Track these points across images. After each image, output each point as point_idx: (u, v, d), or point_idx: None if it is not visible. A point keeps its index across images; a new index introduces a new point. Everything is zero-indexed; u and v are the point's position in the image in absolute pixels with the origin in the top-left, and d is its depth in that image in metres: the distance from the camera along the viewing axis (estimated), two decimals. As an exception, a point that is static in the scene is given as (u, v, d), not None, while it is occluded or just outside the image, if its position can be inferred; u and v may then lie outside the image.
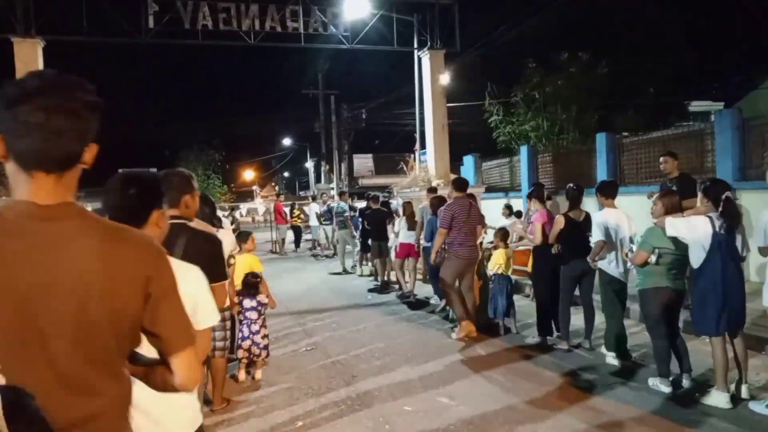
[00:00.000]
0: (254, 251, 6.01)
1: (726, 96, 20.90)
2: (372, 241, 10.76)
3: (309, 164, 46.41)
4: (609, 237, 5.49)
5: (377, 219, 10.57)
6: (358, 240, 12.05)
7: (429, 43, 12.18)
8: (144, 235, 1.47)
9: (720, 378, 4.39)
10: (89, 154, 1.31)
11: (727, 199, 4.44)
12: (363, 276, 11.75)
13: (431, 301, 8.67)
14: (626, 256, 5.38)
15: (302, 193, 46.67)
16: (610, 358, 5.52)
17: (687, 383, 4.79)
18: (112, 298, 1.28)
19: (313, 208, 16.53)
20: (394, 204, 11.91)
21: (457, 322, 6.73)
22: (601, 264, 5.60)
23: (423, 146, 14.12)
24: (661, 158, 7.12)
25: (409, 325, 7.45)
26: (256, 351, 5.31)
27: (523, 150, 13.45)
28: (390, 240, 10.09)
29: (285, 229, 16.23)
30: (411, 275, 9.54)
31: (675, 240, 4.59)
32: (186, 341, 1.42)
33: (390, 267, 10.43)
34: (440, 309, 8.06)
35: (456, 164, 15.28)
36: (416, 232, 9.17)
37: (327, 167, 39.93)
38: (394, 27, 12.10)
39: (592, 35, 15.71)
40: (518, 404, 4.57)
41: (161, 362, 1.43)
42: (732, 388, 4.47)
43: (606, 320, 5.70)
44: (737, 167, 8.46)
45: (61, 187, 1.28)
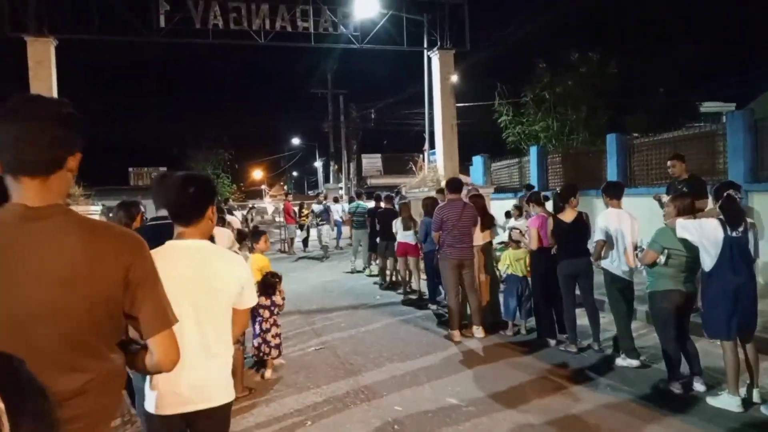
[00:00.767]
0: (267, 251, 6.05)
1: (737, 97, 20.73)
2: (380, 241, 10.81)
3: (318, 164, 46.50)
4: (610, 237, 5.52)
5: (386, 218, 10.60)
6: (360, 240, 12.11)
7: (439, 43, 12.14)
8: (124, 229, 1.61)
9: (731, 382, 4.38)
10: (73, 162, 1.49)
11: (728, 197, 4.41)
12: (372, 275, 11.78)
13: (438, 299, 8.66)
14: (636, 257, 5.39)
15: (311, 193, 46.76)
16: (620, 360, 5.50)
17: (698, 386, 4.75)
18: (94, 286, 1.43)
19: (333, 208, 16.58)
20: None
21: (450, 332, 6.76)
22: (604, 263, 5.62)
23: (432, 146, 14.09)
24: (669, 162, 7.10)
25: (418, 326, 7.45)
26: (266, 350, 5.34)
27: (533, 150, 13.40)
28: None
29: (294, 229, 16.25)
30: (414, 274, 9.62)
31: (685, 242, 4.56)
32: (162, 324, 1.55)
33: (394, 266, 10.53)
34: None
35: (465, 164, 15.26)
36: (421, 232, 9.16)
37: (336, 167, 39.99)
38: (404, 27, 12.09)
39: (603, 35, 15.62)
40: (526, 407, 4.55)
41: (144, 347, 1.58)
42: (743, 392, 4.43)
43: (615, 322, 5.69)
44: (749, 168, 8.38)
45: (47, 191, 1.45)
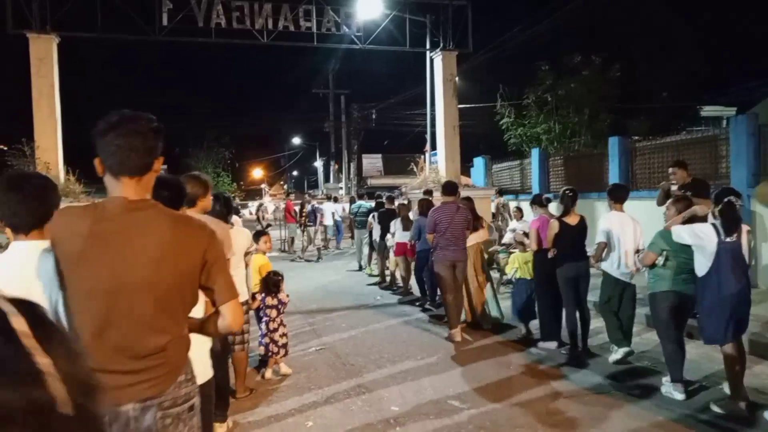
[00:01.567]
0: (268, 251, 6.06)
1: (738, 101, 20.72)
2: (379, 240, 10.88)
3: (318, 163, 46.53)
4: (611, 239, 5.54)
5: (387, 219, 10.64)
6: (361, 240, 12.19)
7: (441, 44, 12.14)
8: (200, 220, 2.04)
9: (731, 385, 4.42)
10: (158, 164, 1.88)
11: (728, 203, 4.42)
12: (373, 275, 11.79)
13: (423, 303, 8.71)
14: (636, 259, 5.45)
15: (310, 192, 46.74)
16: (613, 355, 5.60)
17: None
18: (180, 264, 1.83)
19: (328, 208, 16.55)
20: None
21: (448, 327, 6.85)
22: (604, 266, 5.66)
23: (433, 147, 14.09)
24: (670, 168, 7.02)
25: (419, 327, 7.43)
26: (275, 349, 5.36)
27: (535, 152, 13.40)
28: (388, 240, 10.22)
29: (295, 228, 16.23)
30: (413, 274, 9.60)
31: (683, 244, 4.62)
32: (231, 294, 1.95)
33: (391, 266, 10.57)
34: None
35: (466, 166, 15.26)
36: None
37: (336, 167, 39.99)
38: (407, 27, 12.08)
39: (606, 38, 15.65)
40: (528, 409, 4.54)
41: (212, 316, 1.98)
42: (726, 389, 4.52)
43: (603, 318, 5.78)
44: (752, 173, 8.38)
45: (140, 188, 1.85)
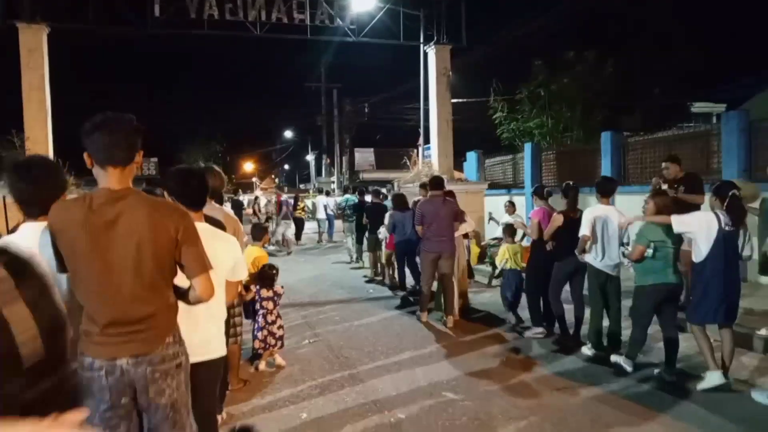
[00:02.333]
0: (264, 244, 6.06)
1: (728, 98, 20.83)
2: (369, 234, 10.97)
3: (310, 157, 46.35)
4: (594, 232, 5.62)
5: (376, 213, 10.77)
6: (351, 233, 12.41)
7: (435, 38, 12.08)
8: (173, 203, 2.49)
9: (710, 360, 4.69)
10: (138, 157, 2.21)
11: (733, 196, 4.73)
12: (364, 268, 11.83)
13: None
14: (623, 255, 5.59)
15: (302, 186, 46.60)
16: (586, 350, 5.70)
17: (667, 377, 4.92)
18: (157, 243, 2.15)
19: (321, 201, 16.52)
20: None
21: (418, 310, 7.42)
22: (588, 258, 5.76)
23: (426, 141, 14.06)
24: (663, 163, 7.08)
25: (412, 320, 7.44)
26: (272, 341, 5.35)
27: (528, 147, 13.41)
28: (381, 233, 10.30)
29: (289, 222, 16.19)
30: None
31: (669, 234, 4.86)
32: (201, 268, 2.24)
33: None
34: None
35: (458, 160, 15.24)
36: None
37: (328, 161, 39.88)
38: (401, 21, 12.01)
39: (599, 34, 15.65)
40: (522, 402, 4.56)
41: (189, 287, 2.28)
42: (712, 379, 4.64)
43: (591, 313, 5.82)
44: (743, 169, 8.44)
45: (124, 177, 2.18)
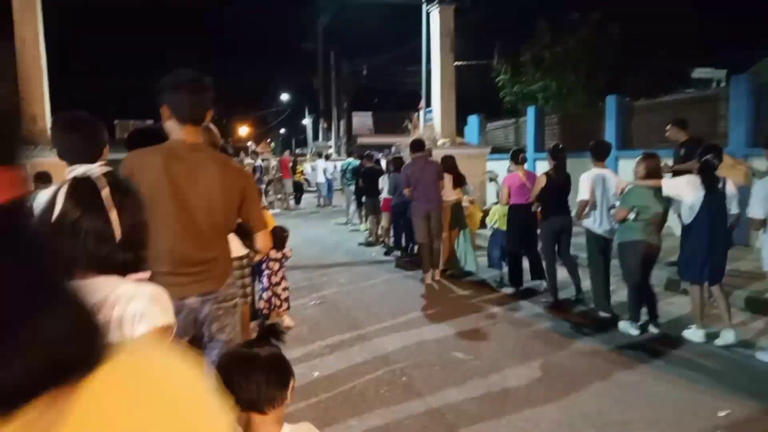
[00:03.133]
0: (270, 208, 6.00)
1: (729, 64, 20.53)
2: (366, 198, 11.10)
3: (307, 121, 45.84)
4: (593, 196, 5.65)
5: (371, 176, 10.88)
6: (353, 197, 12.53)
7: (439, -2, 11.84)
8: (238, 164, 2.80)
9: (696, 318, 4.98)
10: (209, 116, 2.41)
11: (705, 162, 4.86)
12: (361, 231, 11.90)
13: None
14: (609, 212, 5.68)
15: (298, 150, 46.19)
16: (602, 314, 5.72)
17: (652, 329, 5.18)
18: (226, 196, 2.34)
19: (320, 165, 16.44)
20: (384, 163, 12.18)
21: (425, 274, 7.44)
22: (586, 222, 5.79)
23: (428, 104, 13.91)
24: (667, 126, 7.14)
25: (415, 282, 7.45)
26: (277, 302, 5.35)
27: (531, 111, 13.27)
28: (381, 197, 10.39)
29: (291, 185, 16.14)
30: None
31: (652, 199, 5.02)
32: (262, 225, 2.53)
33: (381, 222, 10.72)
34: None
35: (459, 125, 15.09)
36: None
37: (325, 125, 39.47)
38: (404, -21, 11.74)
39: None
40: (529, 361, 4.60)
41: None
42: (728, 336, 4.82)
43: (591, 278, 5.88)
44: (750, 133, 8.37)
45: (198, 134, 2.37)
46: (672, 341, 4.98)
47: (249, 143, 50.30)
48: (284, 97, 46.83)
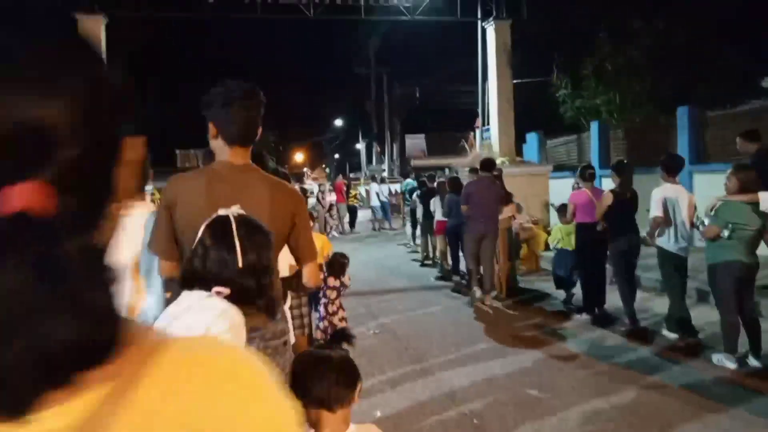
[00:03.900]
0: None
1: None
2: (422, 220, 10.86)
3: (360, 145, 46.16)
4: (666, 213, 5.35)
5: (429, 197, 10.61)
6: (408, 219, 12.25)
7: (494, 13, 11.54)
8: (292, 187, 2.34)
9: None
10: (259, 134, 2.12)
11: None
12: (418, 252, 11.64)
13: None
14: (698, 230, 5.27)
15: (352, 175, 46.48)
16: (669, 335, 5.41)
17: (753, 361, 4.60)
18: (276, 221, 1.98)
19: (374, 188, 16.32)
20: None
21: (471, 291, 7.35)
22: (660, 241, 5.47)
23: (485, 123, 13.54)
24: (737, 139, 6.65)
25: (480, 309, 7.05)
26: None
27: (594, 125, 12.67)
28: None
29: (345, 209, 16.05)
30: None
31: (750, 216, 4.53)
32: (312, 256, 2.21)
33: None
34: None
35: (517, 143, 14.63)
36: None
37: (378, 148, 39.59)
38: (457, -3, 11.52)
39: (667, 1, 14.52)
40: (609, 398, 4.11)
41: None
42: None
43: (669, 299, 5.47)
44: None
45: (246, 155, 2.10)
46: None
47: (305, 169, 51.06)
48: (338, 123, 47.43)
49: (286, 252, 2.29)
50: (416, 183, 12.80)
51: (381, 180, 18.17)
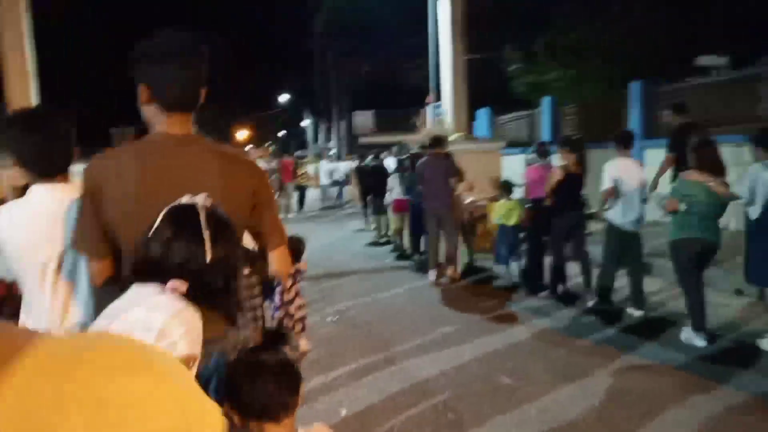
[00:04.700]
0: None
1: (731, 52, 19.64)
2: (374, 198, 10.71)
3: (306, 123, 45.19)
4: (618, 186, 5.38)
5: (377, 177, 10.60)
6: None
7: (447, -16, 11.13)
8: (248, 158, 1.89)
9: None
10: (202, 96, 1.72)
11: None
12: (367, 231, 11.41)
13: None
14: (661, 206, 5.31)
15: (298, 153, 45.48)
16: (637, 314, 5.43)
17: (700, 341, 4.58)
18: (229, 204, 1.58)
19: (323, 167, 15.82)
20: (389, 162, 11.86)
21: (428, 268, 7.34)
22: (609, 214, 5.54)
23: (437, 98, 13.22)
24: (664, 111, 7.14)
25: (440, 290, 6.80)
26: (289, 323, 4.62)
27: (546, 102, 12.59)
28: (386, 197, 9.98)
29: (293, 188, 15.46)
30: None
31: (707, 191, 4.46)
32: (280, 240, 1.85)
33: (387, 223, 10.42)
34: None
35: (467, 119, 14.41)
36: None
37: (326, 126, 38.84)
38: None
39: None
40: (586, 384, 3.93)
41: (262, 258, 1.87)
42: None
43: (602, 266, 5.66)
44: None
45: (188, 123, 1.71)
46: (746, 352, 4.32)
47: (248, 147, 50.08)
48: (283, 99, 46.19)
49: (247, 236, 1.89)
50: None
51: (338, 157, 17.70)
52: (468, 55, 13.00)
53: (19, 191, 2.07)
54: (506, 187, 7.35)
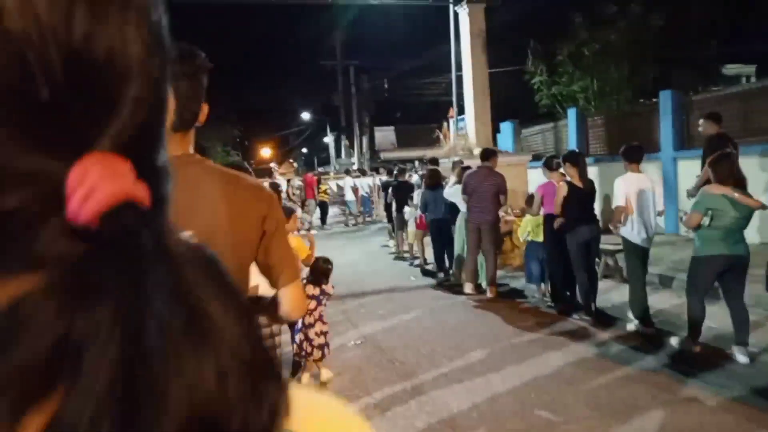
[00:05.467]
0: (295, 232, 5.08)
1: (757, 59, 19.05)
2: (396, 214, 10.47)
3: (328, 139, 45.30)
4: (629, 203, 5.29)
5: (402, 192, 10.28)
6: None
7: (467, -4, 10.98)
8: (257, 181, 1.71)
9: None
10: (203, 114, 1.52)
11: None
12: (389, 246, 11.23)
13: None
14: (681, 220, 5.32)
15: (320, 169, 45.58)
16: (632, 326, 5.35)
17: (740, 357, 4.39)
18: (235, 234, 1.48)
19: (348, 183, 15.67)
20: (415, 177, 11.68)
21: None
22: (623, 231, 5.42)
23: (460, 112, 13.00)
24: (700, 120, 6.82)
25: (466, 311, 6.53)
26: (309, 348, 4.37)
27: (571, 113, 12.26)
28: (407, 213, 9.78)
29: (314, 205, 15.33)
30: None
31: (732, 202, 4.34)
32: (293, 275, 1.61)
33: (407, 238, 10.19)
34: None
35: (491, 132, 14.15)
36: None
37: (347, 142, 38.87)
38: (428, -20, 10.93)
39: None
40: (635, 417, 3.61)
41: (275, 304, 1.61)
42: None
43: (630, 287, 5.42)
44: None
45: (185, 142, 1.51)
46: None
47: (272, 164, 50.10)
48: (305, 116, 46.47)
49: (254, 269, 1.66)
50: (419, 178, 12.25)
51: (363, 173, 17.54)
52: (491, 69, 12.80)
53: None
54: (531, 202, 7.08)
